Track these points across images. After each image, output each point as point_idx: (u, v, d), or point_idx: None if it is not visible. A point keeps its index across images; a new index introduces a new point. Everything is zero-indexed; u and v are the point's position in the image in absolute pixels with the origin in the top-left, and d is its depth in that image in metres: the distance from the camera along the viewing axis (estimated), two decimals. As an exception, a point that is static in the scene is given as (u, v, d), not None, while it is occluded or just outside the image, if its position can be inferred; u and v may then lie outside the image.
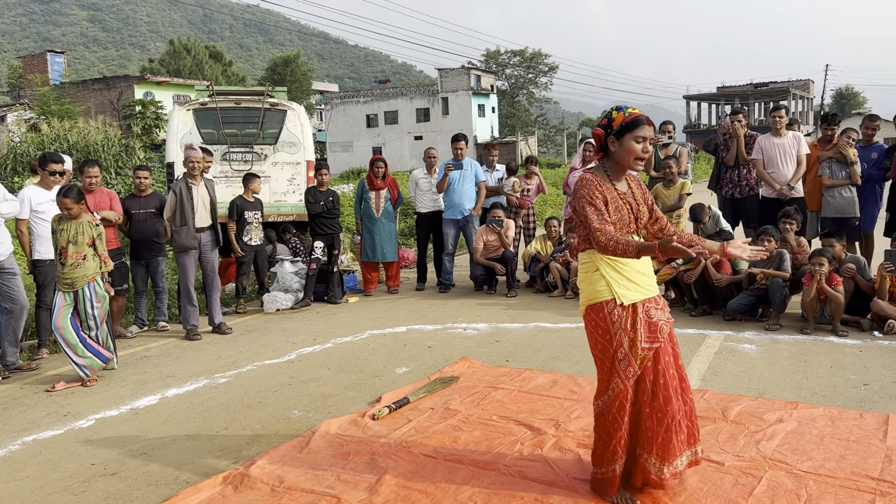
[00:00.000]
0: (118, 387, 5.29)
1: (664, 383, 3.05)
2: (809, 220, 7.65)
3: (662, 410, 3.05)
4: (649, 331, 3.04)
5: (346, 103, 54.59)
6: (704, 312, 6.81)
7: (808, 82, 64.09)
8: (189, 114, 9.23)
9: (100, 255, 5.55)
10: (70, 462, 3.89)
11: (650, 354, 3.05)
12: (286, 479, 3.47)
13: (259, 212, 7.99)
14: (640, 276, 3.10)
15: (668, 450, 3.05)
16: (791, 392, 4.53)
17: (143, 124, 25.83)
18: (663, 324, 3.08)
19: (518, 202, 9.01)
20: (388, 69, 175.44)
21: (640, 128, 3.06)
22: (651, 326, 3.04)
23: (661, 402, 3.05)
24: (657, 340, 3.05)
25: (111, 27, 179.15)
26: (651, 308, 3.08)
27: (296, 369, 5.55)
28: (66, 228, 5.44)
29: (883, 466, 3.35)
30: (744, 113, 8.33)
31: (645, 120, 3.07)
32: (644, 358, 3.03)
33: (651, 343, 3.04)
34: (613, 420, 3.06)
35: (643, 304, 3.06)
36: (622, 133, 3.08)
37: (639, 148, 3.06)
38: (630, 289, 3.05)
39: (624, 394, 3.03)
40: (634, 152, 3.07)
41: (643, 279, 3.10)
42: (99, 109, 33.59)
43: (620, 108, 3.15)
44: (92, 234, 5.50)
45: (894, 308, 5.94)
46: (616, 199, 3.09)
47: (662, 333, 3.07)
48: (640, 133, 3.06)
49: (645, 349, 3.02)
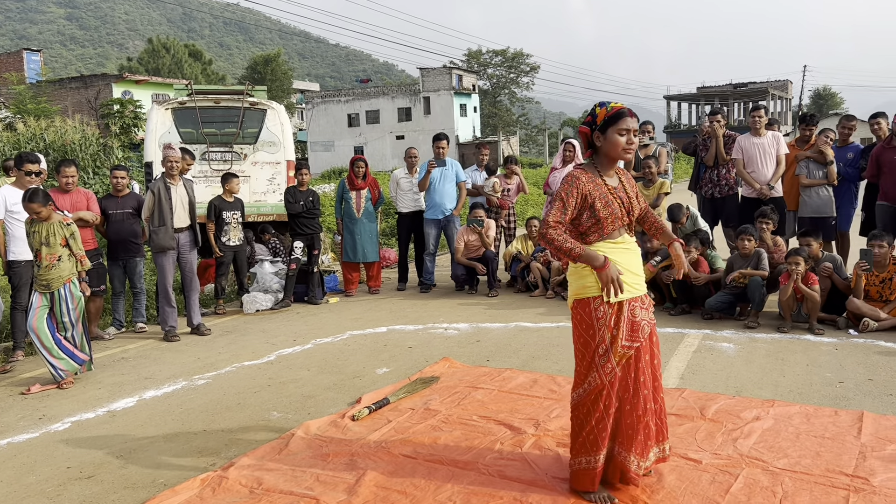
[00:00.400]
0: (95, 389, 5.23)
1: (644, 381, 3.12)
2: (787, 220, 7.73)
3: (642, 409, 3.11)
4: (631, 330, 3.09)
5: (328, 102, 54.38)
6: (683, 311, 6.86)
7: (787, 83, 64.80)
8: (168, 113, 9.15)
9: (75, 255, 5.49)
10: (45, 465, 3.84)
11: (630, 353, 3.09)
12: (265, 480, 3.44)
13: (238, 212, 7.93)
14: (630, 275, 3.14)
15: (643, 446, 3.13)
16: (768, 390, 4.58)
17: (121, 123, 25.55)
18: (645, 324, 3.13)
19: (499, 202, 9.03)
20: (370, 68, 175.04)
21: (623, 120, 3.10)
22: (634, 325, 3.10)
23: (641, 400, 3.11)
24: (637, 340, 3.10)
25: (89, 25, 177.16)
26: (637, 307, 3.13)
27: (275, 370, 5.52)
28: (38, 230, 5.37)
29: (857, 463, 3.40)
30: (722, 113, 8.40)
31: (627, 112, 3.12)
32: (623, 356, 3.08)
33: (632, 342, 3.09)
34: (588, 412, 3.12)
35: (629, 303, 3.11)
36: (606, 127, 3.12)
37: (623, 140, 3.10)
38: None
39: (599, 388, 3.08)
40: (619, 144, 3.11)
41: (632, 278, 3.14)
42: (76, 108, 33.22)
43: (603, 104, 3.19)
44: (64, 233, 5.43)
45: (869, 306, 6.02)
46: (606, 195, 3.13)
47: (644, 333, 3.12)
48: (623, 125, 3.10)
49: (625, 347, 3.07)
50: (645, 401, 3.12)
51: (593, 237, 3.14)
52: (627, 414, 3.10)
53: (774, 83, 61.99)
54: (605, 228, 3.12)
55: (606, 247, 3.13)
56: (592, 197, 3.10)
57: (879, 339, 5.67)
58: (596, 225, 3.12)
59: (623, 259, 3.14)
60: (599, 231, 3.13)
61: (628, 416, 3.10)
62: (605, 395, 3.08)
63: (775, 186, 7.57)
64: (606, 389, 3.08)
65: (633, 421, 3.10)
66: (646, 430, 3.14)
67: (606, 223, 3.11)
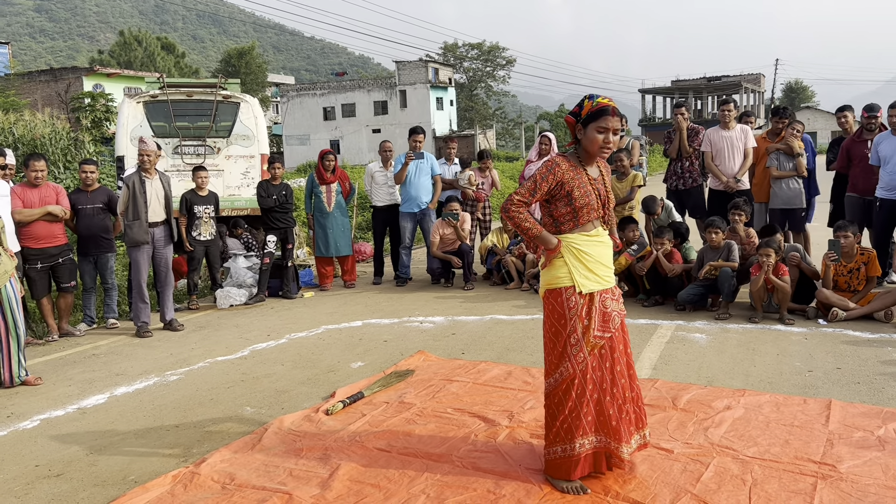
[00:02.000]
0: (65, 386, 5.16)
1: (620, 371, 3.18)
2: (758, 212, 7.82)
3: (622, 397, 3.16)
4: (603, 320, 3.13)
5: (303, 96, 53.98)
6: (656, 303, 6.92)
7: (760, 76, 65.48)
8: (139, 106, 9.03)
9: (6, 250, 5.34)
10: (13, 464, 3.78)
11: (601, 343, 3.13)
12: (237, 476, 3.42)
13: (211, 206, 7.85)
14: (602, 267, 3.18)
15: (626, 433, 3.17)
16: (739, 380, 4.63)
17: (92, 117, 25.16)
18: (616, 314, 3.17)
19: (474, 195, 9.02)
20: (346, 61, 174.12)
21: (604, 118, 3.10)
22: (605, 316, 3.14)
23: (620, 389, 3.16)
24: (609, 330, 3.15)
25: (59, 17, 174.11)
26: (608, 299, 3.17)
27: (249, 365, 5.48)
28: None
29: (825, 450, 3.45)
30: (687, 106, 8.48)
31: (610, 110, 3.10)
32: (595, 345, 3.12)
33: (603, 332, 3.13)
34: (560, 402, 3.15)
35: (600, 294, 3.15)
36: (587, 122, 3.13)
37: (600, 138, 3.11)
38: (590, 278, 3.14)
39: (571, 377, 3.11)
40: (597, 142, 3.12)
41: (603, 270, 3.19)
42: (46, 102, 32.66)
43: (592, 97, 3.18)
44: None
45: (838, 297, 6.12)
46: (586, 185, 3.15)
47: (615, 323, 3.16)
48: (603, 123, 3.10)
49: (597, 337, 3.11)
50: (623, 389, 3.18)
51: (567, 226, 3.16)
52: (609, 404, 3.13)
53: (747, 76, 62.61)
54: (581, 219, 3.14)
55: (580, 238, 3.15)
56: (571, 185, 3.11)
57: (847, 329, 5.76)
58: (571, 214, 3.14)
59: (596, 251, 3.17)
60: (575, 221, 3.15)
61: (609, 406, 3.13)
62: (578, 384, 3.11)
63: (742, 179, 7.65)
64: (578, 378, 3.11)
65: (615, 410, 3.14)
66: (626, 417, 3.19)
67: (582, 213, 3.13)
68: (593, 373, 3.13)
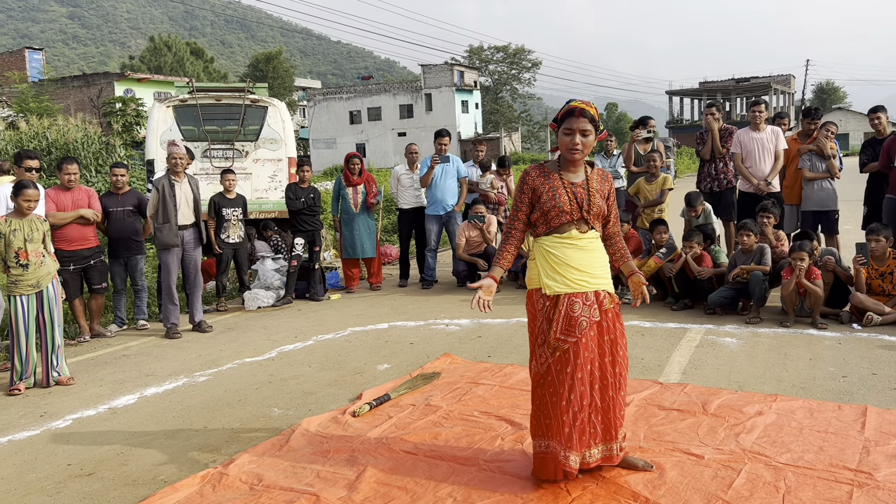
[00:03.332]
0: (96, 386, 5.23)
1: (581, 378, 3.12)
2: (789, 214, 7.70)
3: (578, 405, 3.10)
4: (567, 324, 3.11)
5: (329, 100, 54.36)
6: (685, 306, 6.83)
7: (790, 77, 64.59)
8: (169, 110, 9.14)
9: (49, 253, 5.46)
10: (46, 463, 3.83)
11: (565, 347, 3.12)
12: (265, 477, 3.44)
13: (239, 209, 7.91)
14: (573, 270, 3.15)
15: (579, 441, 3.11)
16: (771, 385, 4.56)
17: (123, 121, 25.56)
18: (584, 320, 3.12)
19: (497, 198, 8.98)
20: (371, 65, 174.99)
21: (569, 119, 3.12)
22: (570, 320, 3.11)
23: (578, 396, 3.11)
24: (574, 335, 3.11)
25: (91, 24, 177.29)
26: (577, 303, 3.12)
27: (276, 367, 5.51)
28: (18, 228, 5.25)
29: (860, 457, 3.37)
30: (718, 105, 8.33)
31: (576, 112, 3.10)
32: (557, 348, 3.12)
33: (566, 336, 3.11)
34: (536, 396, 3.23)
35: (566, 298, 3.13)
36: (559, 124, 3.18)
37: (567, 140, 3.14)
38: (556, 280, 3.15)
39: (539, 375, 3.19)
40: (564, 144, 3.16)
41: (575, 274, 3.15)
42: (78, 107, 33.23)
43: (570, 101, 3.20)
44: (44, 229, 5.39)
45: (873, 301, 5.99)
46: (557, 188, 3.17)
47: (581, 329, 3.11)
48: (568, 125, 3.13)
49: (559, 340, 3.11)
50: (581, 396, 3.11)
51: (541, 229, 3.22)
52: (564, 409, 3.10)
53: (777, 78, 61.80)
54: (552, 222, 3.17)
55: (553, 241, 3.18)
56: (540, 190, 3.18)
57: (883, 334, 5.64)
58: (542, 218, 3.20)
59: (566, 254, 3.16)
60: (546, 224, 3.19)
61: (565, 411, 3.10)
62: (540, 385, 3.19)
63: (772, 182, 7.53)
64: (542, 378, 3.18)
65: (569, 417, 3.09)
66: (581, 426, 3.11)
67: (551, 216, 3.16)
68: (555, 376, 3.13)
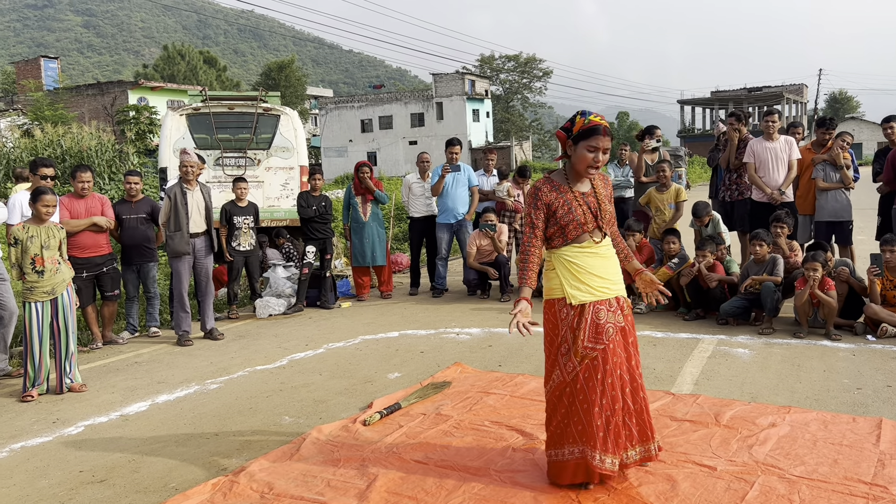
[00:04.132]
0: (108, 393, 5.25)
1: (612, 383, 3.17)
2: (802, 224, 7.65)
3: (611, 409, 3.15)
4: (595, 331, 3.16)
5: (341, 108, 54.58)
6: (697, 316, 6.80)
7: (802, 87, 64.32)
8: (182, 119, 9.20)
9: (65, 260, 5.50)
10: (58, 469, 3.85)
11: (594, 354, 3.15)
12: (275, 485, 3.43)
13: (250, 217, 7.94)
14: (595, 278, 3.21)
15: (614, 444, 3.16)
16: (784, 396, 4.52)
17: (136, 129, 25.77)
18: (611, 326, 3.18)
19: (513, 206, 8.97)
20: (383, 74, 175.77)
21: (595, 138, 3.12)
22: (597, 328, 3.16)
23: (610, 400, 3.15)
24: (601, 342, 3.16)
25: (105, 33, 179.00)
26: (602, 310, 3.18)
27: (287, 375, 5.52)
28: (36, 234, 5.30)
29: (875, 470, 3.34)
30: (738, 115, 8.21)
31: (602, 130, 3.12)
32: (585, 356, 3.15)
33: (595, 343, 3.16)
34: (554, 407, 3.25)
35: (592, 306, 3.17)
36: (578, 139, 3.16)
37: (590, 157, 3.15)
38: (581, 290, 3.19)
39: (562, 385, 3.20)
40: (586, 160, 3.16)
41: (597, 282, 3.21)
42: (93, 115, 33.53)
43: (584, 114, 3.20)
44: (60, 236, 5.43)
45: (887, 312, 5.94)
46: (570, 202, 3.20)
47: (608, 335, 3.17)
48: (594, 143, 3.12)
49: (587, 348, 3.15)
50: (614, 401, 3.16)
51: (557, 241, 3.24)
52: (597, 415, 3.14)
53: (789, 87, 61.55)
54: (569, 234, 3.21)
55: (572, 250, 3.21)
56: (555, 205, 3.19)
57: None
58: (559, 231, 3.22)
59: (588, 263, 3.21)
60: (563, 236, 3.22)
61: (598, 416, 3.14)
62: (568, 393, 3.19)
63: (786, 192, 7.49)
64: (569, 387, 3.18)
65: (602, 422, 3.14)
66: (616, 429, 3.17)
67: (568, 230, 3.20)
68: (584, 383, 3.16)
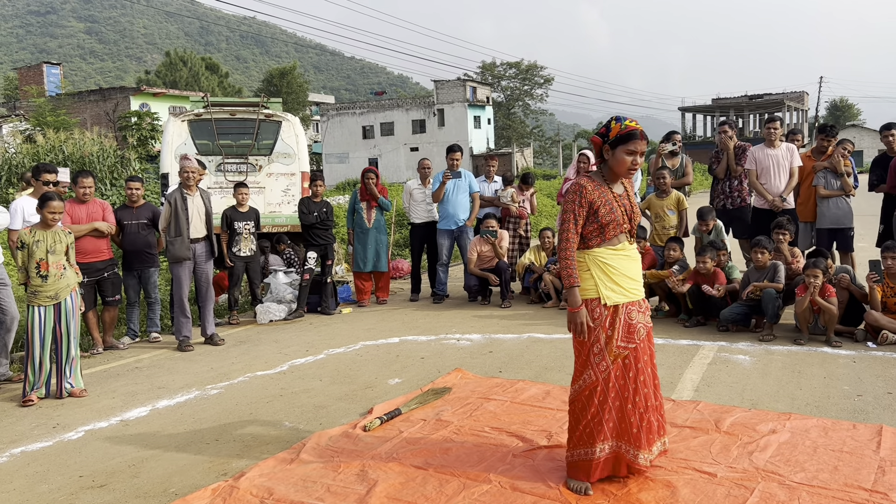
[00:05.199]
0: (108, 398, 5.25)
1: (644, 380, 3.28)
2: (803, 231, 7.65)
3: (643, 406, 3.26)
4: (627, 331, 3.25)
5: (343, 115, 54.67)
6: (698, 323, 6.79)
7: (803, 94, 64.38)
8: (184, 125, 9.23)
9: (72, 265, 5.51)
10: (58, 474, 3.85)
11: (626, 353, 3.25)
12: (275, 491, 3.43)
13: (251, 222, 7.95)
14: (628, 280, 3.30)
15: (647, 440, 3.26)
16: (784, 403, 4.52)
17: (138, 135, 25.84)
18: (641, 326, 3.29)
19: (517, 212, 8.97)
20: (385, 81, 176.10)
21: (633, 142, 3.23)
22: (630, 328, 3.26)
23: (643, 398, 3.26)
24: (633, 341, 3.26)
25: (108, 39, 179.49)
26: (633, 311, 3.28)
27: (287, 380, 5.52)
28: (42, 239, 5.32)
29: (876, 477, 3.33)
30: (731, 123, 8.34)
31: (639, 134, 3.23)
32: (618, 356, 3.24)
33: (627, 343, 3.25)
34: (583, 407, 3.29)
35: (625, 307, 3.27)
36: (616, 144, 3.26)
37: (629, 160, 3.26)
38: (615, 291, 3.26)
39: (593, 384, 3.26)
40: (625, 164, 3.26)
41: (629, 283, 3.30)
42: (95, 121, 33.60)
43: (619, 119, 3.31)
44: (67, 242, 5.44)
45: (888, 319, 5.94)
46: (611, 202, 3.29)
47: (639, 335, 3.28)
48: (632, 147, 3.24)
49: (620, 347, 3.24)
50: (646, 398, 3.28)
51: (594, 241, 3.29)
52: (630, 412, 3.25)
53: (790, 94, 61.61)
54: (607, 234, 3.28)
55: (607, 252, 3.28)
56: (597, 204, 3.25)
57: (898, 352, 5.59)
58: (598, 230, 3.27)
59: (622, 265, 3.30)
60: (601, 236, 3.28)
61: (632, 413, 3.24)
62: (600, 392, 3.25)
63: (787, 198, 7.50)
64: (601, 386, 3.24)
65: (637, 418, 3.24)
66: (648, 425, 3.28)
67: (608, 229, 3.27)
68: (616, 381, 3.25)
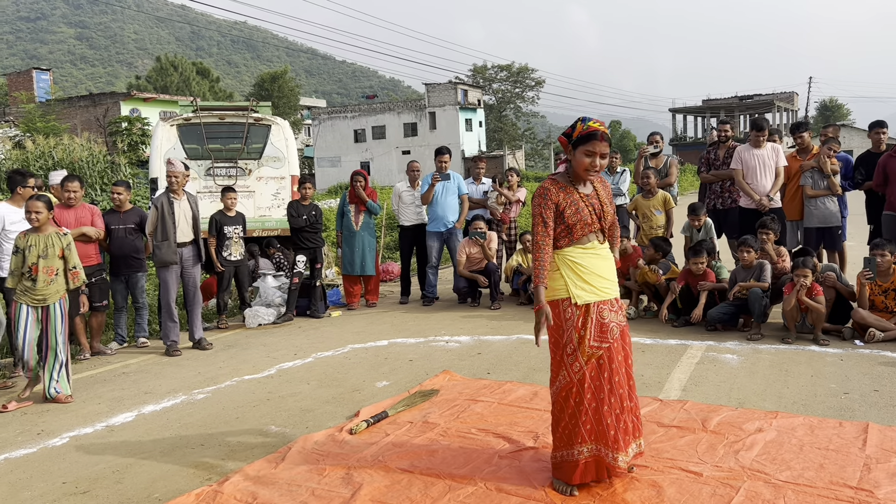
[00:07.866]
0: (94, 404, 5.21)
1: (619, 381, 3.25)
2: (790, 230, 7.68)
3: (619, 407, 3.23)
4: (600, 331, 3.23)
5: (334, 118, 54.65)
6: (686, 323, 6.80)
7: (793, 94, 64.67)
8: (173, 129, 9.19)
9: (71, 267, 5.45)
10: (41, 481, 3.82)
11: (599, 353, 3.22)
12: (259, 495, 3.41)
13: (240, 226, 7.93)
14: (599, 279, 3.28)
15: (623, 441, 3.23)
16: (771, 401, 4.52)
17: (128, 140, 25.74)
18: (615, 325, 3.26)
19: (500, 216, 8.97)
20: (376, 84, 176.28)
21: (592, 143, 3.21)
22: (602, 327, 3.23)
23: (618, 398, 3.23)
24: (606, 340, 3.23)
25: (98, 45, 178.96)
26: (605, 310, 3.26)
27: (275, 384, 5.49)
28: (34, 243, 5.27)
29: (861, 475, 3.34)
30: (732, 124, 8.35)
31: (599, 135, 3.20)
32: (592, 356, 3.21)
33: (601, 343, 3.23)
34: (561, 408, 3.29)
35: (597, 306, 3.25)
36: (577, 144, 3.25)
37: (587, 161, 3.23)
38: (585, 290, 3.25)
39: (568, 385, 3.24)
40: (583, 165, 3.24)
41: (601, 282, 3.29)
42: (85, 126, 33.45)
43: (584, 120, 3.29)
44: (62, 244, 5.37)
45: (875, 317, 5.96)
46: (577, 202, 3.27)
47: (613, 334, 3.25)
48: (591, 147, 3.21)
49: (594, 347, 3.21)
50: (621, 399, 3.25)
51: (563, 242, 3.29)
52: (607, 413, 3.21)
53: (780, 95, 61.89)
54: (576, 234, 3.27)
55: (576, 251, 3.28)
56: (563, 205, 3.25)
57: (885, 350, 5.60)
58: (566, 231, 3.27)
59: (592, 263, 3.29)
60: (569, 237, 3.28)
61: (608, 415, 3.21)
62: (575, 393, 3.23)
63: (774, 198, 7.53)
64: (575, 387, 3.22)
65: (613, 420, 3.21)
66: (625, 426, 3.25)
67: (576, 229, 3.27)
68: (591, 382, 3.23)
